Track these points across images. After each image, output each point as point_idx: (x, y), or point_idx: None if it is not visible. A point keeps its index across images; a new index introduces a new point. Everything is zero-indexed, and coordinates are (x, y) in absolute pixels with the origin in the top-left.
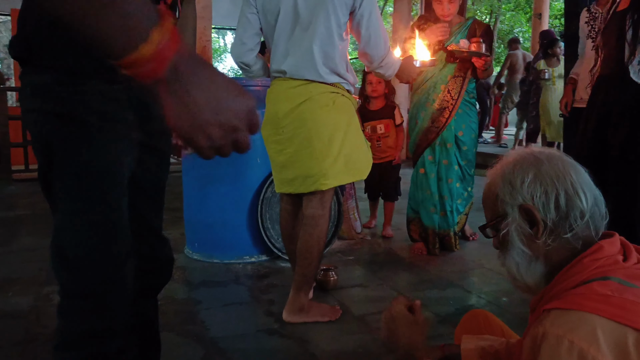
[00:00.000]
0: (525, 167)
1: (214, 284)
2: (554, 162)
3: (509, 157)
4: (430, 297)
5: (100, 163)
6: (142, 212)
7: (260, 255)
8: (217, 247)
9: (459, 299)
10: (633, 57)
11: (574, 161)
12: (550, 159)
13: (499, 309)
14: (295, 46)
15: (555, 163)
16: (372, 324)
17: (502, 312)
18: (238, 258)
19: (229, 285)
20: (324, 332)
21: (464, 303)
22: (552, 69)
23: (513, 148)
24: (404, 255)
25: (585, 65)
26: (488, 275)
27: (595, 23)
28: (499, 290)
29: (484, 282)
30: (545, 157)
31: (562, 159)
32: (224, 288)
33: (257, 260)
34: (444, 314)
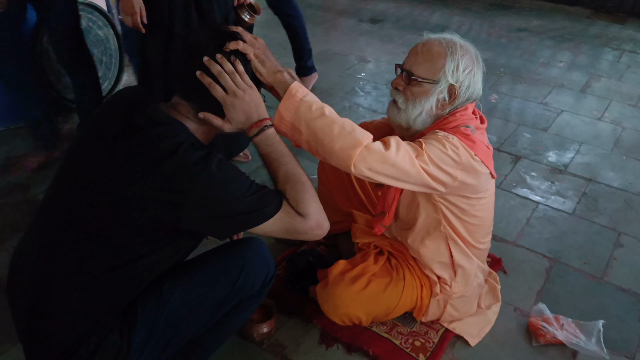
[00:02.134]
0: (468, 58)
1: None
2: (481, 63)
3: (457, 40)
4: None
5: None
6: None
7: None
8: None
9: None
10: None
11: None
12: (479, 59)
13: None
14: None
15: (480, 63)
16: None
17: None
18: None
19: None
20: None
21: None
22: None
23: None
24: None
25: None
26: None
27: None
28: None
29: None
30: (479, 57)
31: (479, 60)
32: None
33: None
34: None
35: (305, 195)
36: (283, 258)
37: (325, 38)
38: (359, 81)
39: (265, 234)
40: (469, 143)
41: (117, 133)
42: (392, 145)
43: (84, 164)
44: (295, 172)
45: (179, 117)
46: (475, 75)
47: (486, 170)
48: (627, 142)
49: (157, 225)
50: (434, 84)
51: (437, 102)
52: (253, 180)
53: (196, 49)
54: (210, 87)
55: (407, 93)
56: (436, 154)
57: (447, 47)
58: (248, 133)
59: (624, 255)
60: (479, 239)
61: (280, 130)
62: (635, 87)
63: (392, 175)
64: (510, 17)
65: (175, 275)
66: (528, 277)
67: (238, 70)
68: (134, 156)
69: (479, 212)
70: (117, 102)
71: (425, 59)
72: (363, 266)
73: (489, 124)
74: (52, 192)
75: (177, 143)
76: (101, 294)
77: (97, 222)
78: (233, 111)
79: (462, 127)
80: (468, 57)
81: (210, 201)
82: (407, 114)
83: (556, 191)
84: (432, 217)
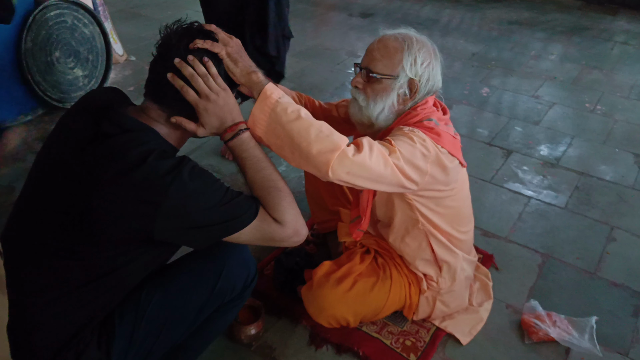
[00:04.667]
0: (425, 51)
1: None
2: (439, 55)
3: (413, 35)
4: None
5: None
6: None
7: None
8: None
9: None
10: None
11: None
12: (437, 52)
13: None
14: None
15: (438, 56)
16: None
17: None
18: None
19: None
20: None
21: None
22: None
23: None
24: None
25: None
26: None
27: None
28: None
29: None
30: (437, 50)
31: (437, 53)
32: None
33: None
34: None
35: (282, 202)
36: (271, 258)
37: (315, 33)
38: (349, 76)
39: (242, 242)
40: (433, 136)
41: (85, 141)
42: (365, 147)
43: (51, 176)
44: (272, 178)
45: (149, 122)
46: (434, 68)
47: (454, 162)
48: (619, 135)
49: (129, 237)
50: (394, 79)
51: (398, 97)
52: (228, 187)
53: (166, 49)
54: (182, 90)
55: (368, 90)
56: (406, 149)
57: (403, 41)
58: (222, 137)
59: (617, 250)
60: (459, 228)
61: (255, 133)
62: (627, 78)
63: (368, 177)
64: (501, 10)
65: (153, 283)
66: (520, 273)
67: (211, 73)
68: (101, 166)
69: (453, 201)
70: (85, 107)
71: (383, 55)
72: (349, 266)
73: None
74: (20, 206)
75: (147, 151)
76: (75, 309)
77: (66, 235)
78: (206, 115)
79: (425, 121)
80: (425, 50)
81: (183, 211)
82: (368, 111)
83: (548, 185)
84: (407, 214)
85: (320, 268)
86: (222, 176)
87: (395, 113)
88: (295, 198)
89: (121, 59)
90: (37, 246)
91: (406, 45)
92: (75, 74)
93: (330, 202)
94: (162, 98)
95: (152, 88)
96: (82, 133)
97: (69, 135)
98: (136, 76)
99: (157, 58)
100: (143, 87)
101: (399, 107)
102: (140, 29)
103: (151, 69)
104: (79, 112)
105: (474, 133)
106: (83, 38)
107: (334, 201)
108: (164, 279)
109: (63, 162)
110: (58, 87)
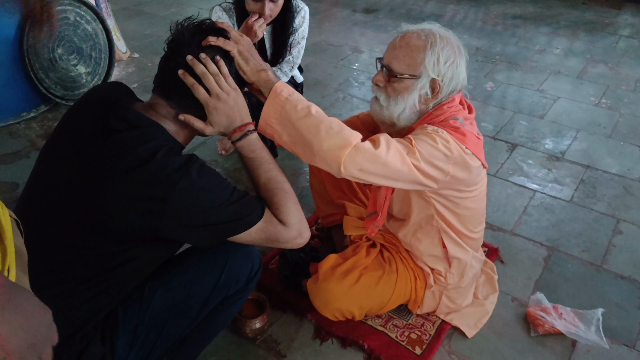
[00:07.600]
0: (449, 49)
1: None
2: (463, 52)
3: (437, 31)
4: None
5: None
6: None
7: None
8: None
9: None
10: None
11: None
12: (461, 48)
13: None
14: None
15: (462, 52)
16: None
17: None
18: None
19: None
20: None
21: None
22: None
23: None
24: None
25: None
26: None
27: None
28: None
29: None
30: (461, 46)
31: (461, 49)
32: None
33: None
34: None
35: (287, 204)
36: (276, 253)
37: (319, 29)
38: (353, 72)
39: (246, 242)
40: (459, 136)
41: (91, 136)
42: (382, 144)
43: (57, 171)
44: (277, 180)
45: (157, 118)
46: (458, 67)
47: (478, 162)
48: (624, 128)
49: (134, 234)
50: (415, 79)
51: (419, 97)
52: (235, 187)
53: (177, 45)
54: (193, 88)
55: (389, 89)
56: (427, 150)
57: (426, 39)
58: (230, 137)
59: (623, 242)
60: (472, 228)
61: (265, 130)
62: (632, 72)
63: (383, 174)
64: (505, 5)
65: (156, 277)
66: (526, 266)
67: (222, 72)
68: (109, 162)
69: (472, 203)
70: (91, 101)
71: (405, 53)
72: (354, 260)
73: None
74: (24, 201)
75: (155, 147)
76: (78, 304)
77: (71, 230)
78: (216, 114)
79: (451, 120)
80: (449, 47)
81: (190, 209)
82: (389, 110)
83: (553, 179)
84: (424, 212)
85: (326, 261)
86: (226, 172)
87: (417, 113)
88: (299, 193)
89: (124, 56)
90: (41, 241)
91: (429, 43)
92: (78, 71)
93: (336, 195)
94: (171, 94)
95: (162, 84)
96: (88, 128)
97: (74, 130)
98: (139, 73)
99: (168, 54)
100: (147, 84)
101: (420, 107)
102: (144, 26)
103: (161, 65)
104: (85, 107)
105: (478, 127)
106: (86, 35)
107: (340, 194)
108: (167, 273)
109: (69, 157)
110: (61, 84)
